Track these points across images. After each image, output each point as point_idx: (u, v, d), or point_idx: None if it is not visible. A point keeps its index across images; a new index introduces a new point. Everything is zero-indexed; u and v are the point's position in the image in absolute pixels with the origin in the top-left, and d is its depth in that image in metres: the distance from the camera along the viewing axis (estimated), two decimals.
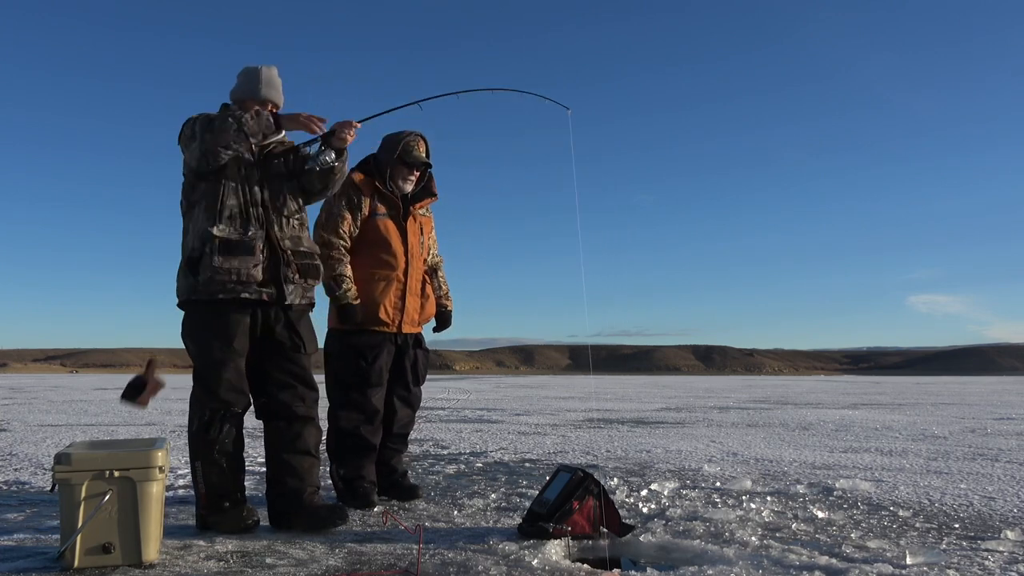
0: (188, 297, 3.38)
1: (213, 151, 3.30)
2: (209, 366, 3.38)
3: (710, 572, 2.79)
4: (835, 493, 4.49)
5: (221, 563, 2.92)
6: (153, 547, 2.88)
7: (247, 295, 3.37)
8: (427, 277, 4.28)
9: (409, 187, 4.15)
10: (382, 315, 4.02)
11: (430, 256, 4.33)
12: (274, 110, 3.58)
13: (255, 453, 6.57)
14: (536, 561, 2.92)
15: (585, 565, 2.93)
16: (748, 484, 4.77)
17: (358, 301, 3.94)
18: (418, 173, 4.16)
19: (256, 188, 3.46)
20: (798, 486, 4.70)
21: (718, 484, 4.83)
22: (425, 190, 4.23)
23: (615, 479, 5.00)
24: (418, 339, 4.25)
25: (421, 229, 4.23)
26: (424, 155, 4.15)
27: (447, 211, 4.71)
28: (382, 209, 4.07)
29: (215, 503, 3.38)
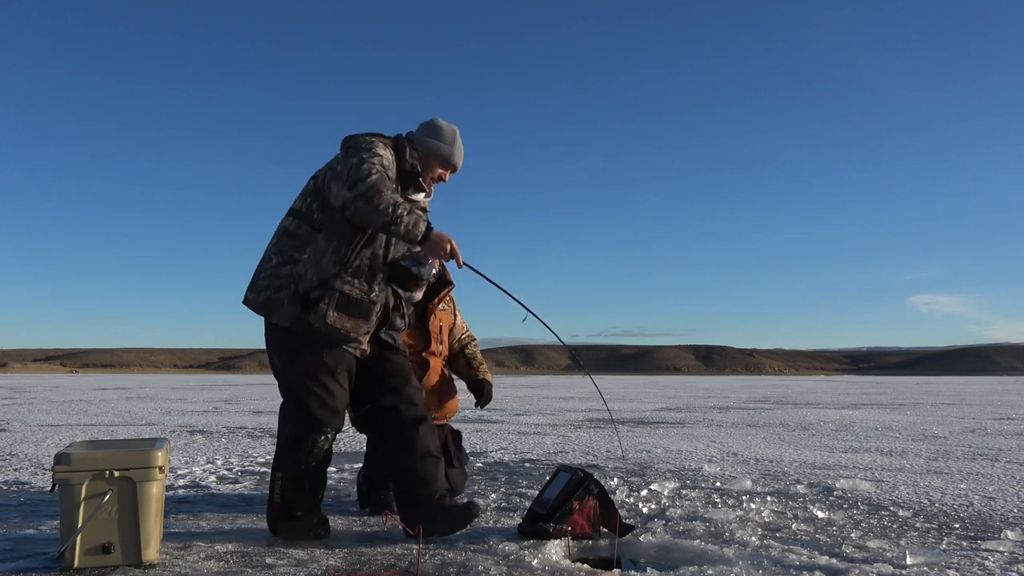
0: (290, 327, 3.22)
1: (354, 216, 3.13)
2: (302, 381, 3.24)
3: (710, 572, 2.79)
4: (835, 493, 4.49)
5: (221, 563, 2.92)
6: (153, 547, 2.88)
7: (348, 348, 3.28)
8: (446, 371, 4.13)
9: (419, 295, 3.90)
10: None
11: (456, 343, 4.23)
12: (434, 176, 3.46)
13: (254, 453, 6.57)
14: (536, 561, 2.92)
15: (585, 565, 2.93)
16: (748, 484, 4.77)
17: None
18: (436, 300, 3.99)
19: (391, 247, 3.32)
20: (798, 486, 4.70)
21: (718, 484, 4.83)
22: (440, 281, 3.97)
23: (615, 479, 5.00)
24: (442, 427, 4.02)
25: (440, 328, 4.08)
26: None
27: (446, 210, 4.67)
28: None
29: (288, 512, 3.30)
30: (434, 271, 3.35)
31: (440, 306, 4.11)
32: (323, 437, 3.26)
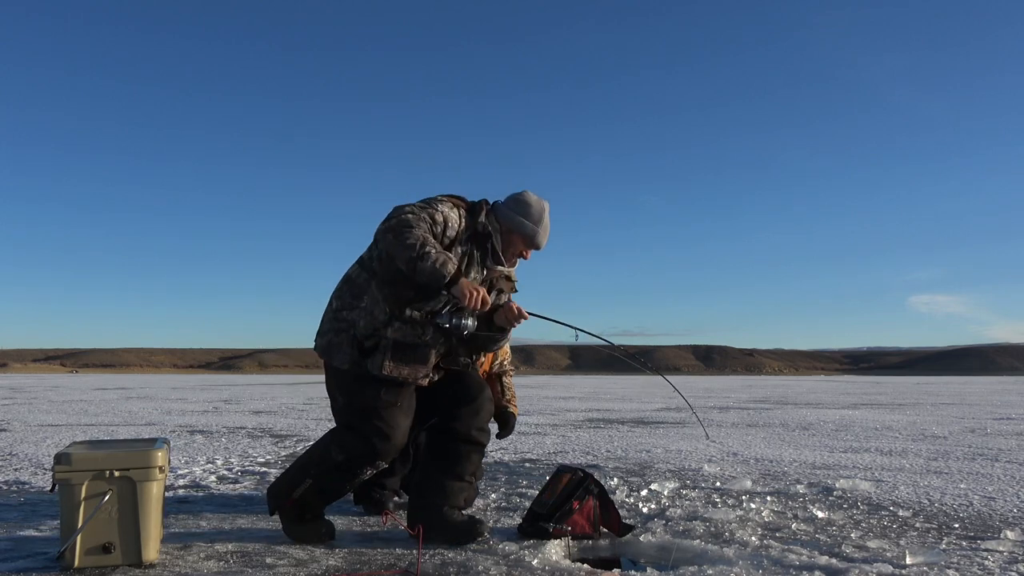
0: (349, 368, 3.19)
1: (384, 248, 3.09)
2: (365, 418, 3.18)
3: (710, 572, 2.79)
4: (835, 493, 4.49)
5: (221, 563, 2.92)
6: (153, 547, 2.88)
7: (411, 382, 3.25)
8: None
9: (497, 346, 3.76)
10: None
11: (496, 365, 4.26)
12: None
13: (254, 453, 6.57)
14: (536, 561, 2.92)
15: (585, 565, 2.93)
16: (748, 484, 4.77)
17: None
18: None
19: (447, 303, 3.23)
20: (798, 486, 4.70)
21: (718, 484, 4.83)
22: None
23: (615, 479, 5.00)
24: None
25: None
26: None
27: None
28: None
29: (299, 515, 3.27)
30: (473, 322, 3.20)
31: None
32: (374, 469, 3.25)
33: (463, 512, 3.40)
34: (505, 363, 4.30)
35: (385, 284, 3.16)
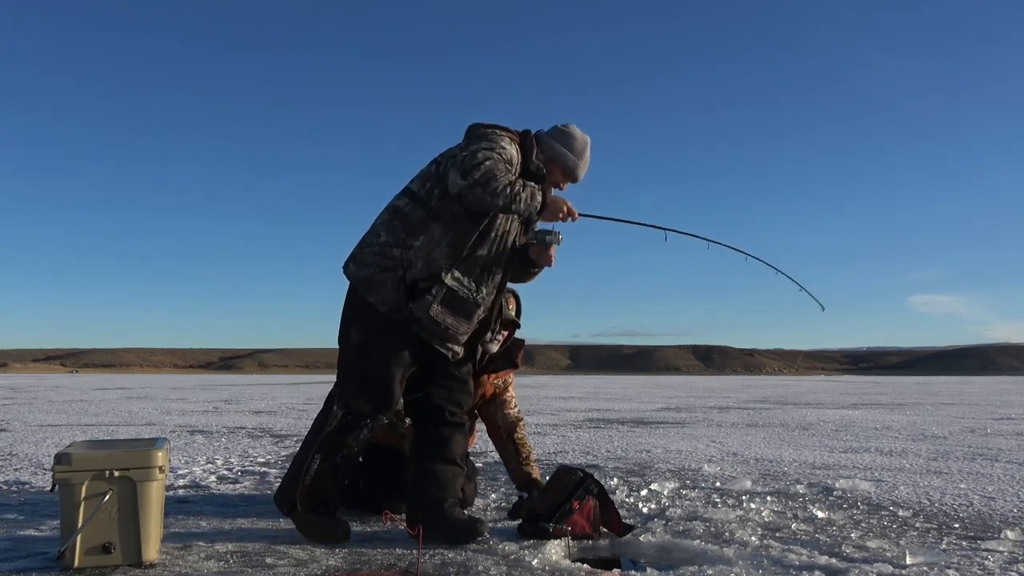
0: (387, 312, 3.13)
1: (471, 204, 3.07)
2: (377, 366, 3.18)
3: (710, 572, 2.79)
4: (835, 493, 4.49)
5: (221, 563, 2.92)
6: (153, 547, 2.88)
7: (439, 347, 3.20)
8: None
9: (495, 347, 3.73)
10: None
11: (501, 420, 3.93)
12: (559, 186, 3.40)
13: (254, 453, 6.57)
14: (536, 561, 2.92)
15: (585, 565, 2.93)
16: (748, 484, 4.77)
17: None
18: (505, 333, 3.77)
19: (510, 252, 3.28)
20: (798, 486, 4.70)
21: (718, 484, 4.83)
22: (506, 358, 3.80)
23: (615, 479, 5.00)
24: None
25: (483, 396, 3.85)
26: (513, 314, 3.80)
27: None
28: None
29: (314, 503, 3.22)
30: (558, 237, 3.33)
31: (496, 381, 3.86)
32: (374, 425, 3.23)
33: (463, 510, 3.40)
34: (514, 412, 3.94)
35: (450, 228, 3.13)
